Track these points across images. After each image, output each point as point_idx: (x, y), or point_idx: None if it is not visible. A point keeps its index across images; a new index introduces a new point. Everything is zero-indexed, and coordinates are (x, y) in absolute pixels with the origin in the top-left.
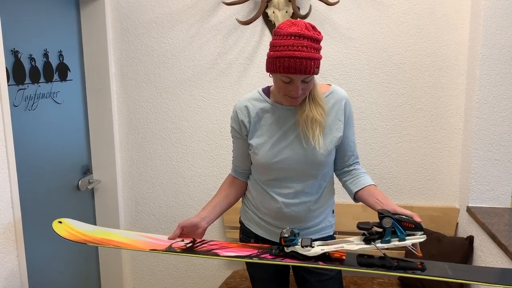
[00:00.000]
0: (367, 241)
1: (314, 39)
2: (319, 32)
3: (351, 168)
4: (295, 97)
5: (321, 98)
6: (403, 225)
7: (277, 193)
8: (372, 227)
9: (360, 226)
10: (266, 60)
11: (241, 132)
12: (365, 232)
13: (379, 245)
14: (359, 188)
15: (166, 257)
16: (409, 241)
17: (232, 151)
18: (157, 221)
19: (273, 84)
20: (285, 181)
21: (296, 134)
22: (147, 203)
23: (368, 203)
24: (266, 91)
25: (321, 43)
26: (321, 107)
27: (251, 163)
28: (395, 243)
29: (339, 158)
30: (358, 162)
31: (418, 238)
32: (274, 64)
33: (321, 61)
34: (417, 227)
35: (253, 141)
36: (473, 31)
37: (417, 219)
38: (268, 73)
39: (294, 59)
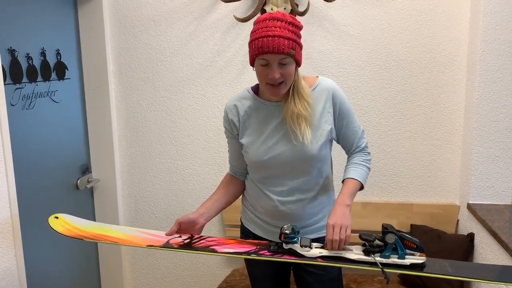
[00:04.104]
0: (366, 252)
1: (288, 22)
2: (298, 21)
3: (350, 156)
4: (275, 84)
5: (306, 91)
6: (405, 243)
7: (272, 191)
8: (375, 240)
9: (362, 237)
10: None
11: (233, 132)
12: (366, 243)
13: (378, 258)
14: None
15: (166, 255)
16: (407, 261)
17: (228, 150)
18: (156, 219)
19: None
20: (279, 178)
21: (285, 130)
22: (146, 201)
23: None
24: (255, 89)
25: (301, 32)
26: (306, 101)
27: None
28: (394, 260)
29: (343, 147)
30: (359, 150)
31: (417, 259)
32: (250, 50)
33: (301, 50)
34: (418, 247)
35: (244, 140)
36: (473, 27)
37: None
38: (253, 67)
39: (266, 38)
